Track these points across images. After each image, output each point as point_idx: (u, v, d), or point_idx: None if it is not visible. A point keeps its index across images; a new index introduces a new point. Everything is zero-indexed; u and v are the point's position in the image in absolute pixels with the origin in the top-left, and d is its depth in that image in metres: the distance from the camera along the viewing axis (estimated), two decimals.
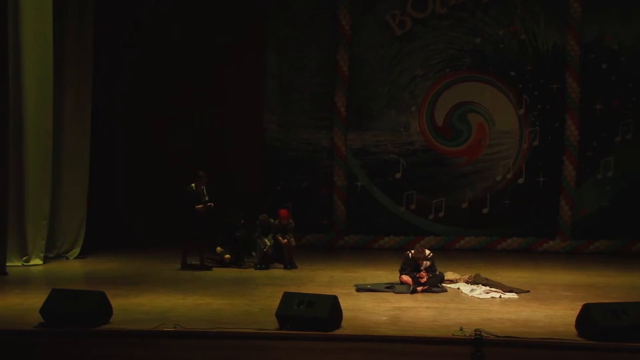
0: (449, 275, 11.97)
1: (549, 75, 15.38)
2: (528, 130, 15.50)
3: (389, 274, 12.17)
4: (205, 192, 12.77)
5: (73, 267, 13.21)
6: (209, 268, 12.70)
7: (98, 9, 14.28)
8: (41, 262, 13.03)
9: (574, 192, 15.28)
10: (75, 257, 13.74)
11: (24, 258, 12.91)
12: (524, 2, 15.35)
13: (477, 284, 11.55)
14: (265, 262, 12.98)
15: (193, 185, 12.71)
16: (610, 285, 12.04)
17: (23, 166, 12.89)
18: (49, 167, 13.20)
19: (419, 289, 11.15)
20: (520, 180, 15.58)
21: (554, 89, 15.36)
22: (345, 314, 9.16)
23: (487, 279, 11.81)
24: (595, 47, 15.25)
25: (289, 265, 13.04)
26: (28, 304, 9.78)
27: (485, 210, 15.61)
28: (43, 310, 8.92)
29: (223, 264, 13.02)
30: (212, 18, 15.50)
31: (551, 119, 15.41)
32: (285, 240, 13.05)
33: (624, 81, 15.22)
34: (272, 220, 13.20)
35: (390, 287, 11.29)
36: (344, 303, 9.29)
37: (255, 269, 12.90)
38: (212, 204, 12.67)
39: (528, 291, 11.32)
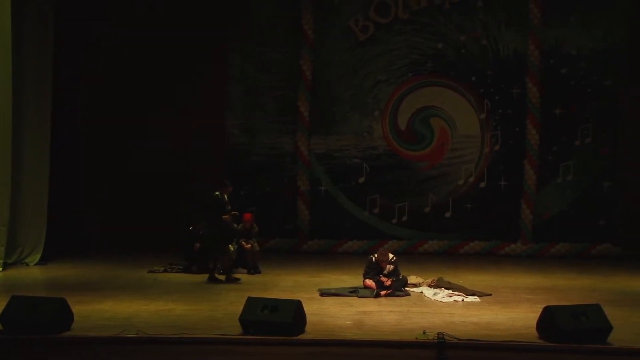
0: (412, 279, 12.03)
1: (509, 80, 15.55)
2: (490, 135, 15.65)
3: (353, 279, 12.20)
4: (228, 201, 12.22)
5: (33, 274, 13.04)
6: (238, 280, 12.18)
7: (60, 10, 14.12)
8: (0, 269, 12.84)
9: (535, 195, 15.46)
10: (36, 263, 13.56)
11: None
12: (485, 8, 15.51)
13: (440, 287, 11.62)
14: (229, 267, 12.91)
15: (218, 193, 12.20)
16: (571, 287, 12.20)
17: None
18: (8, 172, 13.02)
19: (383, 293, 11.19)
20: (482, 184, 15.72)
21: (515, 94, 15.54)
22: (309, 318, 9.17)
23: (449, 282, 11.89)
24: (554, 52, 15.46)
25: (253, 270, 13.00)
26: None
27: (448, 214, 15.72)
28: (2, 318, 8.80)
29: (189, 270, 12.97)
30: (176, 21, 15.40)
31: (512, 124, 15.58)
32: (249, 245, 13.01)
33: (583, 86, 15.44)
34: (236, 226, 13.14)
35: (354, 292, 11.33)
36: (308, 308, 9.30)
37: (219, 274, 12.83)
38: (237, 213, 12.26)
39: (490, 294, 11.42)
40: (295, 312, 8.81)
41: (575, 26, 15.40)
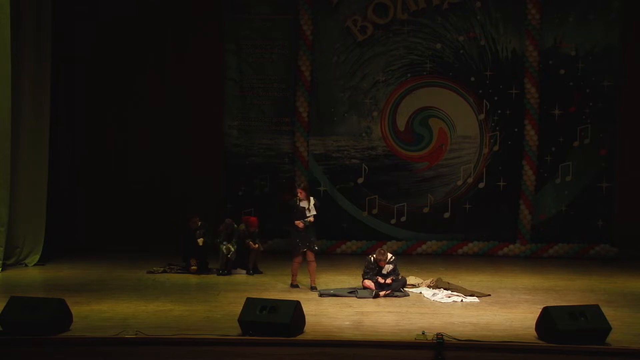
0: (411, 279, 12.05)
1: (508, 81, 15.55)
2: (488, 135, 15.65)
3: (352, 279, 12.21)
4: (310, 206, 11.96)
5: (32, 274, 13.04)
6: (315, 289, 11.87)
7: (56, 12, 14.15)
8: None
9: (534, 196, 15.47)
10: (35, 264, 13.56)
11: None
12: (484, 9, 15.52)
13: (439, 288, 11.64)
14: (227, 268, 12.93)
15: (297, 199, 12.05)
16: (568, 288, 12.22)
17: None
18: (6, 172, 13.01)
19: (382, 293, 11.21)
20: (481, 185, 15.72)
21: (514, 95, 15.54)
22: (308, 319, 9.18)
23: (448, 283, 11.91)
24: (553, 53, 15.47)
25: (252, 270, 13.00)
26: None
27: (446, 215, 15.72)
28: (2, 318, 8.82)
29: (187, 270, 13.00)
30: (175, 21, 15.42)
31: (511, 124, 15.58)
32: (257, 244, 13.00)
33: (581, 87, 15.44)
34: (236, 226, 13.16)
35: (352, 292, 11.34)
36: (306, 308, 9.32)
37: (218, 274, 12.85)
38: (313, 219, 12.00)
39: (489, 295, 11.44)
40: (294, 312, 8.83)
41: (574, 27, 15.40)
